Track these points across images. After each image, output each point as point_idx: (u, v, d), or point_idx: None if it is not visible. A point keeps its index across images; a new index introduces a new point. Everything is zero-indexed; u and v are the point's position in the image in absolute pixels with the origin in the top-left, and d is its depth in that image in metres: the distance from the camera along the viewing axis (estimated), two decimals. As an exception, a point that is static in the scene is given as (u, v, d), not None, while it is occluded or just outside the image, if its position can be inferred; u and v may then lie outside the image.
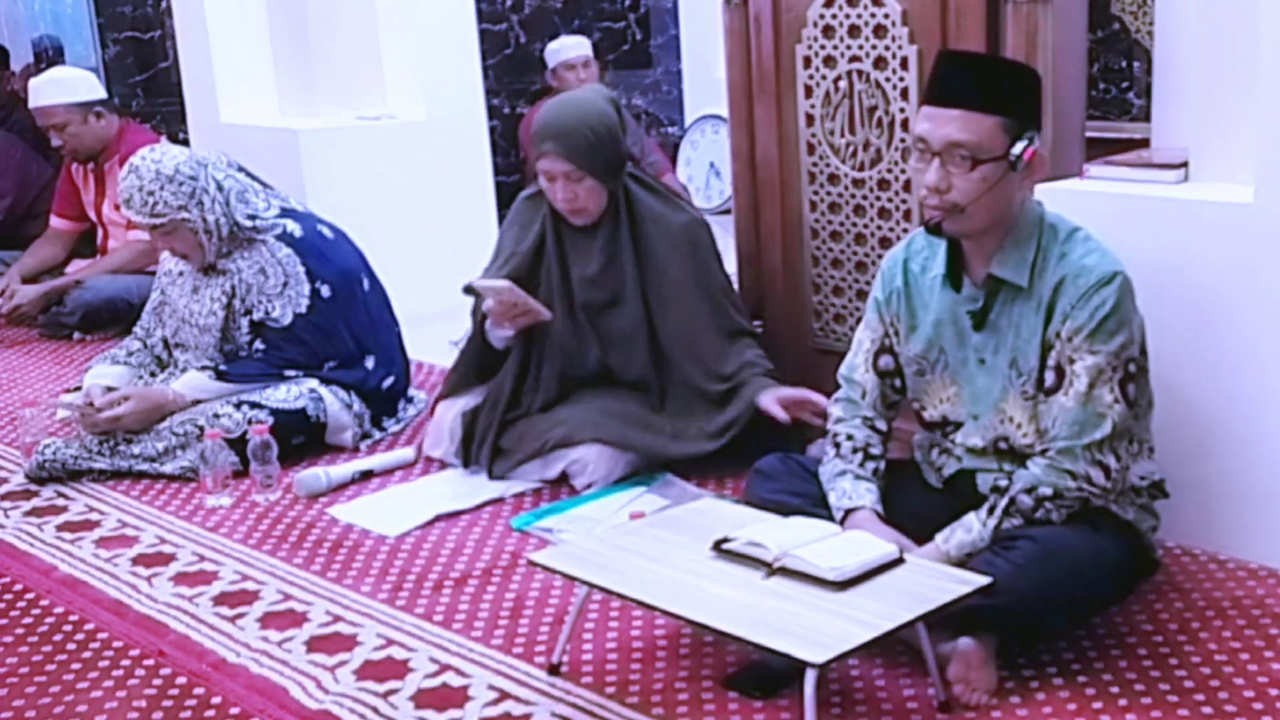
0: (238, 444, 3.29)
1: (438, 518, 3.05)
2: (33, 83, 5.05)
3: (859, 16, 3.13)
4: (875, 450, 2.51)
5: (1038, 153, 2.28)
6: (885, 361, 2.53)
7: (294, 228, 3.56)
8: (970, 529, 2.29)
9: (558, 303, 3.29)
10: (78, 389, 3.71)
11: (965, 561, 2.25)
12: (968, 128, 2.23)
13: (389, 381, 3.67)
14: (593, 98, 3.28)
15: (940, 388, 2.46)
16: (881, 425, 2.53)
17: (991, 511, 2.29)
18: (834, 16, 3.19)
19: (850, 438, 2.52)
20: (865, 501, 2.42)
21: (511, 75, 6.69)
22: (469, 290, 3.34)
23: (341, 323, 3.56)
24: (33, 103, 4.95)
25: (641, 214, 3.28)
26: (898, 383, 2.54)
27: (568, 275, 3.32)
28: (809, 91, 3.28)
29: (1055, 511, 2.27)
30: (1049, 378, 2.29)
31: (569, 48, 6.21)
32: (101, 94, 5.03)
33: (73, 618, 2.69)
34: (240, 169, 3.63)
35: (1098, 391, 2.25)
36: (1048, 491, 2.26)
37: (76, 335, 4.88)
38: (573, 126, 3.16)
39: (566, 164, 3.15)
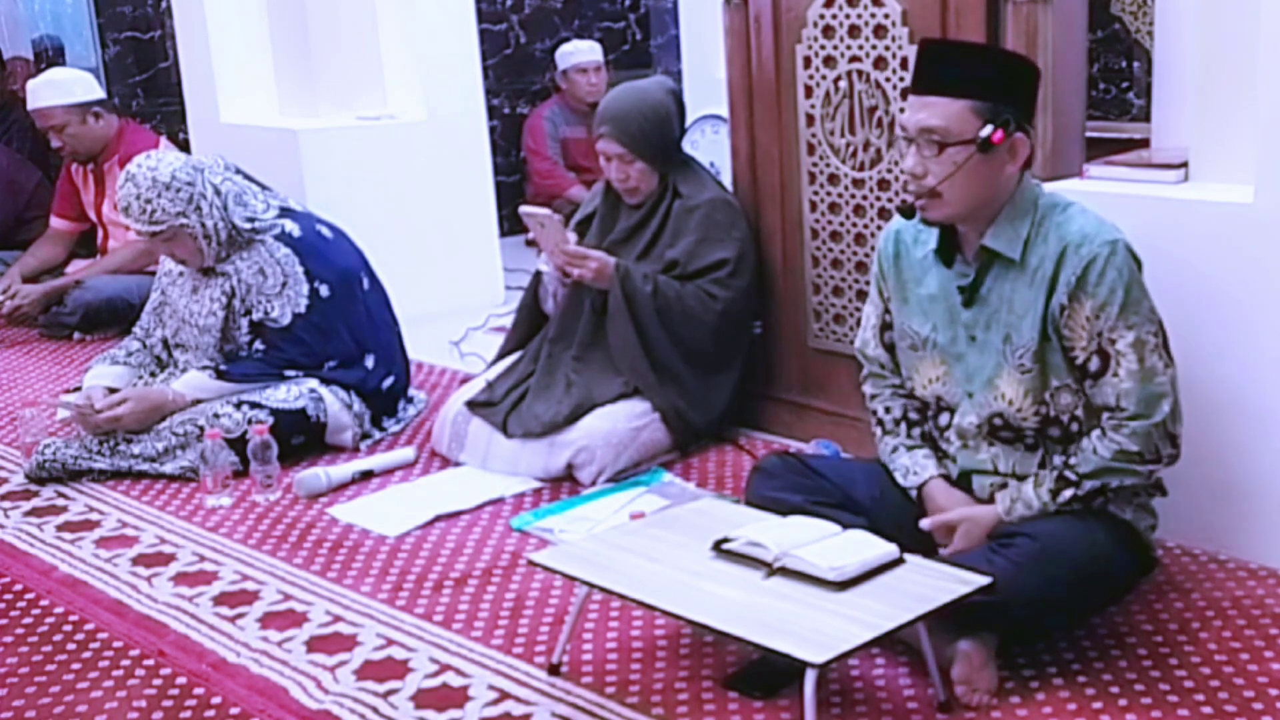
0: (238, 444, 3.29)
1: (438, 518, 3.05)
2: (30, 85, 5.05)
3: (859, 16, 3.13)
4: (915, 415, 2.53)
5: (1015, 137, 2.28)
6: (890, 336, 2.56)
7: (292, 228, 3.56)
8: (1031, 506, 2.32)
9: None
10: (78, 389, 3.71)
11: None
12: (937, 112, 2.27)
13: (389, 381, 3.66)
14: (653, 87, 3.52)
15: (929, 366, 2.47)
16: (910, 386, 2.55)
17: (1055, 495, 2.31)
18: (834, 16, 3.19)
19: (889, 410, 2.55)
20: (929, 472, 2.46)
21: (511, 75, 6.69)
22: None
23: (341, 322, 3.56)
24: (31, 105, 4.95)
25: (680, 193, 3.44)
26: None
27: (603, 239, 3.50)
28: (809, 91, 3.28)
29: (1119, 491, 2.31)
30: (1094, 363, 2.29)
31: (581, 52, 6.22)
32: (100, 94, 5.03)
33: (73, 618, 2.69)
34: (238, 171, 3.63)
35: (1150, 364, 2.27)
36: (1116, 484, 2.29)
37: (76, 335, 4.88)
38: (628, 112, 3.39)
39: (619, 147, 3.39)
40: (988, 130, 2.25)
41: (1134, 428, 2.27)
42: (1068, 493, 2.30)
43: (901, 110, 3.03)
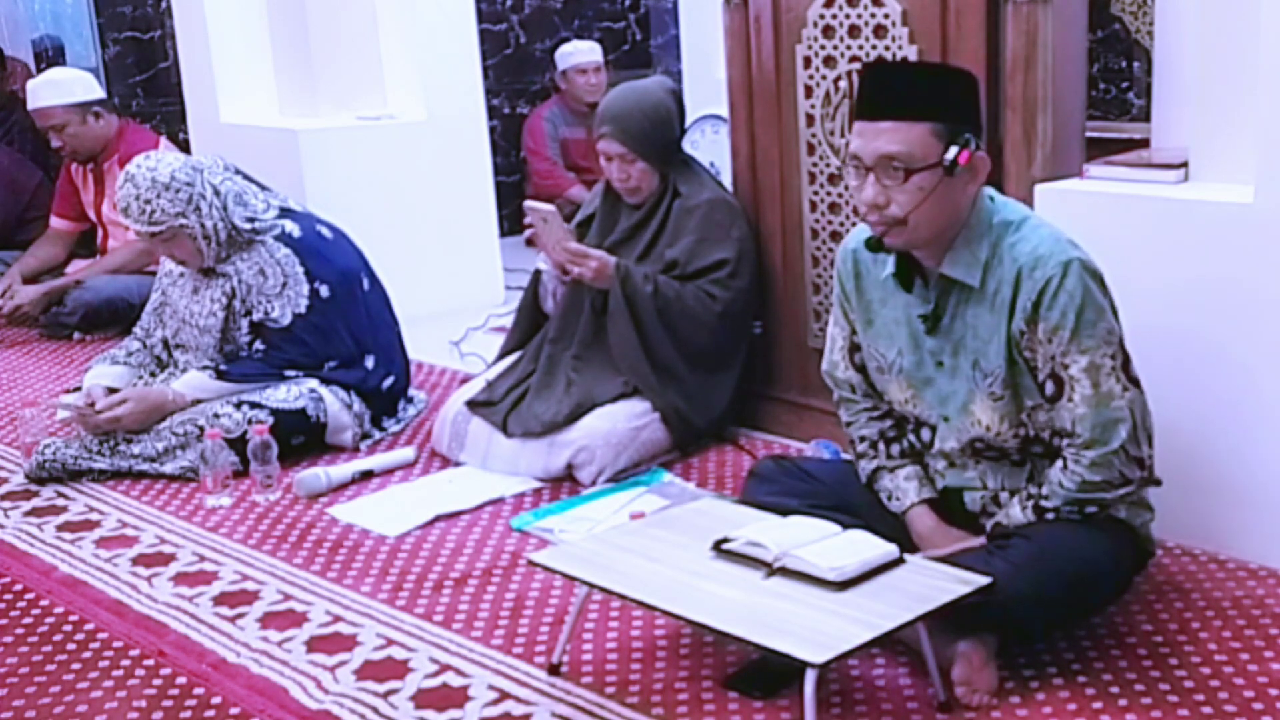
0: (238, 444, 3.29)
1: (438, 518, 3.05)
2: (30, 85, 5.05)
3: (859, 16, 3.13)
4: (892, 433, 2.51)
5: (976, 155, 2.22)
6: (860, 357, 2.52)
7: (292, 228, 3.56)
8: (1020, 525, 2.32)
9: None
10: (78, 389, 3.71)
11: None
12: (897, 138, 2.18)
13: (389, 381, 3.66)
14: (653, 87, 3.52)
15: (898, 389, 2.44)
16: (884, 407, 2.52)
17: (1039, 516, 2.30)
18: (834, 16, 3.19)
19: (864, 438, 2.52)
20: (911, 498, 2.44)
21: (511, 75, 6.69)
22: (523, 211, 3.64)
23: (341, 323, 3.56)
24: (31, 105, 4.95)
25: (680, 193, 3.43)
26: None
27: (603, 240, 3.50)
28: (809, 91, 3.28)
29: (1098, 513, 2.30)
30: (1049, 387, 2.26)
31: (581, 52, 6.22)
32: (99, 94, 5.03)
33: (73, 618, 2.69)
34: (237, 171, 3.63)
35: (1105, 388, 2.22)
36: (1094, 510, 2.28)
37: (76, 335, 4.88)
38: (629, 112, 3.39)
39: (621, 146, 3.38)
40: (953, 152, 2.19)
41: (1091, 457, 2.24)
42: (1049, 516, 2.30)
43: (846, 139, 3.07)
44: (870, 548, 2.18)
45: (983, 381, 2.31)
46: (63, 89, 4.91)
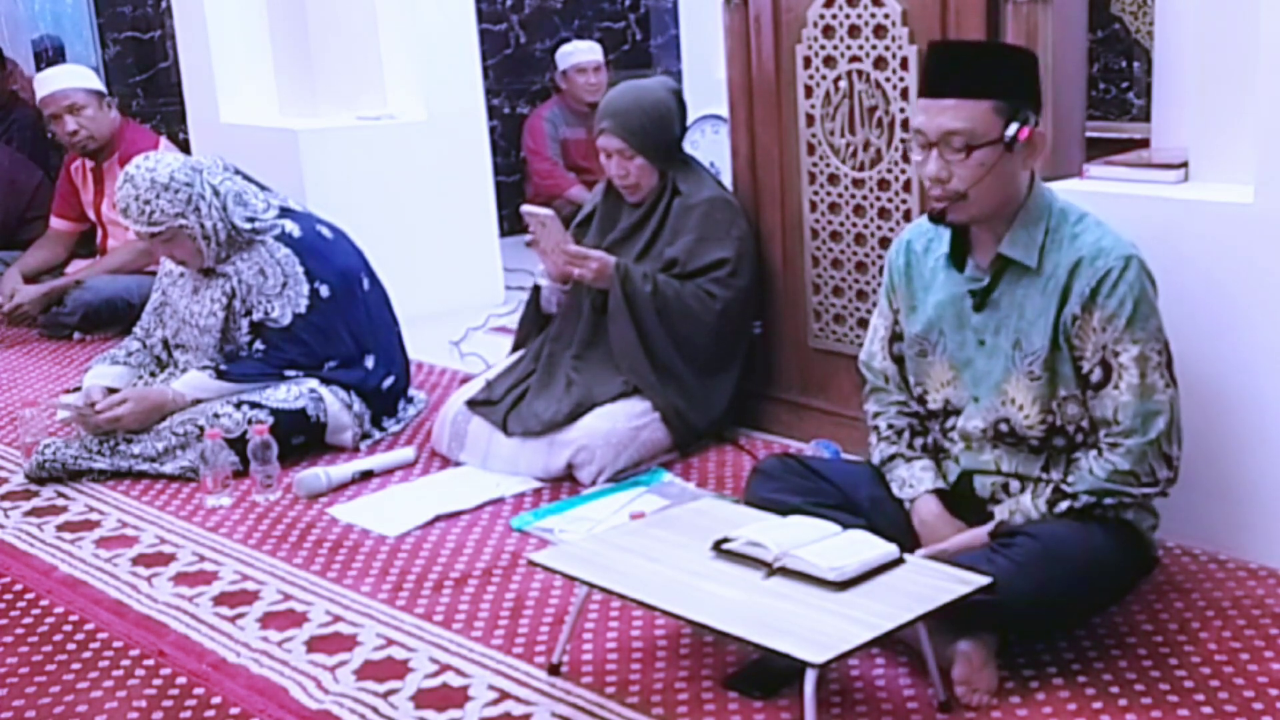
0: (238, 444, 3.29)
1: (438, 518, 3.05)
2: (43, 74, 5.07)
3: (859, 16, 3.13)
4: (918, 427, 2.54)
5: (1035, 131, 2.29)
6: (899, 348, 2.55)
7: (292, 228, 3.56)
8: (1030, 516, 2.33)
9: None
10: (78, 389, 3.71)
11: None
12: (960, 115, 2.26)
13: (389, 381, 3.66)
14: (655, 85, 3.54)
15: (940, 371, 2.47)
16: (915, 406, 2.55)
17: (1052, 505, 2.31)
18: (834, 16, 3.19)
19: (891, 426, 2.55)
20: (925, 485, 2.45)
21: (511, 75, 6.69)
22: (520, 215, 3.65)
23: (341, 322, 3.56)
24: (48, 89, 4.92)
25: (680, 191, 3.44)
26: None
27: (603, 238, 3.51)
28: (809, 91, 3.28)
29: (1115, 510, 2.31)
30: (1096, 374, 2.30)
31: (581, 51, 6.22)
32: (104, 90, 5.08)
33: (73, 618, 2.69)
34: (237, 171, 3.63)
35: (1150, 380, 2.27)
36: (1111, 502, 2.29)
37: (76, 335, 4.88)
38: (630, 108, 3.40)
39: (620, 142, 3.39)
40: (1014, 129, 2.26)
41: (1128, 446, 2.27)
42: (1064, 505, 2.31)
43: (904, 111, 3.07)
44: (870, 548, 2.18)
45: (1021, 361, 2.35)
46: (79, 75, 5.00)
